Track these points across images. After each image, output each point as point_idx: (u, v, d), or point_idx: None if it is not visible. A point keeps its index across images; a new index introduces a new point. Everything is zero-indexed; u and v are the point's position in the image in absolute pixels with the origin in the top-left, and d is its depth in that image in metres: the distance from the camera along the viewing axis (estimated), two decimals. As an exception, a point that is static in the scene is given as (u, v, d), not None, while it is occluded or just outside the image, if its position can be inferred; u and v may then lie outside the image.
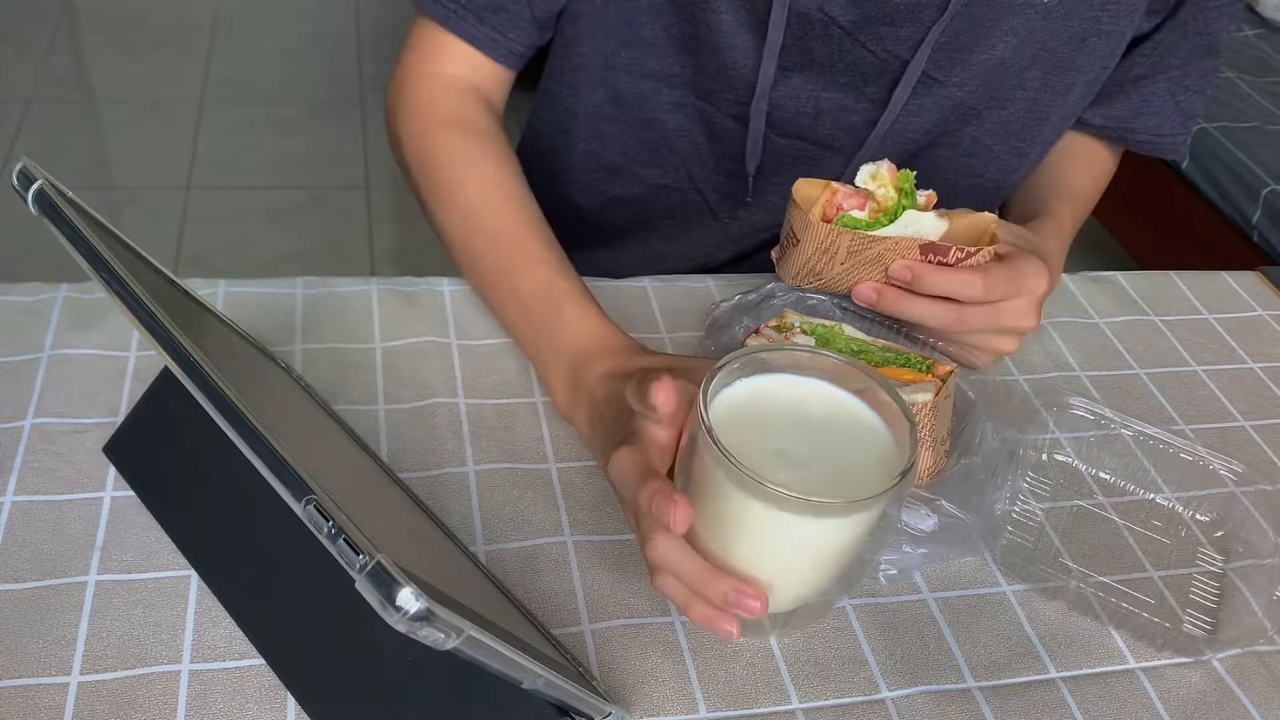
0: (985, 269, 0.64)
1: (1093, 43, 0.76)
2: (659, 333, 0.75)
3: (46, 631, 0.52)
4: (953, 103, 0.77)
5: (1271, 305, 0.87)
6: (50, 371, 0.65)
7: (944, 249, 0.63)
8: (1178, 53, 0.81)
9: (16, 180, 0.45)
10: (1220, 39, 0.81)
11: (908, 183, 0.64)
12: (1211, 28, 0.80)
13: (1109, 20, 0.75)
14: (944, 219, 0.64)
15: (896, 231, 0.63)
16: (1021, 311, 0.66)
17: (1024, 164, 0.84)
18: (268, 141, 2.59)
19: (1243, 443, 0.73)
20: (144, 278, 0.46)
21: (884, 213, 0.64)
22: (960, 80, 0.75)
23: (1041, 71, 0.77)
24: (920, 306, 0.65)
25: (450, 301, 0.75)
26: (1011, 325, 0.67)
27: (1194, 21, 0.80)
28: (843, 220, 0.63)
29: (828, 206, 0.64)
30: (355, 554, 0.35)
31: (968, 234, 0.65)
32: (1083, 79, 0.79)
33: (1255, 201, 1.92)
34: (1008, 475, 0.63)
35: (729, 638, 0.51)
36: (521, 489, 0.62)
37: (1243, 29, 2.43)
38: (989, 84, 0.76)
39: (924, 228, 0.64)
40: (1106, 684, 0.56)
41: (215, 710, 0.50)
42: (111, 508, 0.58)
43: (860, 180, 0.64)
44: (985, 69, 0.75)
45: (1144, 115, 0.83)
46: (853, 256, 0.64)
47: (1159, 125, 0.83)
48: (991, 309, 0.65)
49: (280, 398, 0.57)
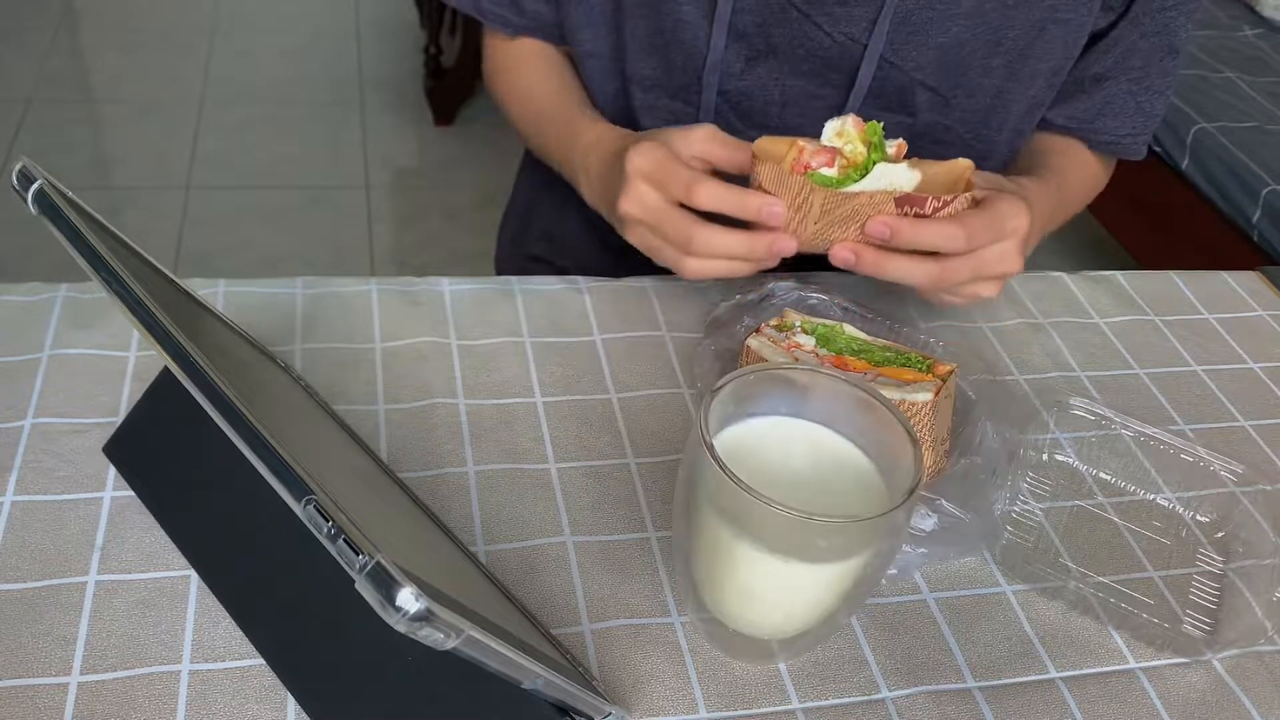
0: (963, 217, 0.63)
1: (1051, 30, 0.77)
2: (659, 331, 0.75)
3: (46, 631, 0.52)
4: (916, 88, 0.78)
5: (1271, 305, 0.87)
6: (50, 371, 0.65)
7: (920, 200, 0.61)
8: (1138, 53, 0.82)
9: (16, 180, 0.45)
10: (1178, 38, 0.82)
11: (876, 135, 0.62)
12: (1169, 27, 0.81)
13: (1065, 8, 0.76)
14: (916, 169, 0.63)
15: (870, 186, 0.61)
16: (1004, 256, 0.65)
17: (994, 152, 0.84)
18: (267, 141, 2.59)
19: (1243, 443, 0.73)
20: (144, 278, 0.46)
21: (854, 168, 0.62)
22: (918, 64, 0.76)
23: (1005, 60, 0.77)
24: (900, 265, 0.64)
25: (450, 301, 0.75)
26: (995, 271, 0.66)
27: (1149, 21, 0.80)
28: (813, 178, 0.62)
29: (794, 165, 0.62)
30: (355, 554, 0.35)
31: (943, 182, 0.63)
32: (1045, 67, 0.79)
33: (1255, 201, 1.92)
34: (1008, 475, 0.63)
35: None
36: (521, 489, 0.62)
37: (1242, 29, 2.43)
38: (950, 70, 0.77)
39: (898, 179, 0.62)
40: (1106, 684, 0.56)
41: (215, 710, 0.50)
42: (111, 508, 0.58)
43: (826, 138, 0.63)
44: (942, 52, 0.76)
45: (1106, 115, 0.84)
46: (826, 215, 0.62)
47: (1120, 126, 0.84)
48: (973, 258, 0.65)
49: (280, 398, 0.57)
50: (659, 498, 0.63)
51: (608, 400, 0.69)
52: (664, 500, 0.63)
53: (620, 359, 0.72)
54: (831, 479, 0.52)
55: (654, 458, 0.65)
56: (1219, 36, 2.38)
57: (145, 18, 3.01)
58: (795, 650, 0.55)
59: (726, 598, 0.52)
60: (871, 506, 0.49)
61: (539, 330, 0.74)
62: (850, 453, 0.53)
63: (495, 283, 0.77)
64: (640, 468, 0.64)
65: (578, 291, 0.77)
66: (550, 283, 0.78)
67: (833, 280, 0.77)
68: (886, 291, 0.77)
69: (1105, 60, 0.82)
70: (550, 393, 0.69)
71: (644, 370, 0.71)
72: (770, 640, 0.54)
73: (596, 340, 0.73)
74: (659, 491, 0.63)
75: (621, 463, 0.65)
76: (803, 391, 0.53)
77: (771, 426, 0.53)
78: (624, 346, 0.73)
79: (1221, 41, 2.36)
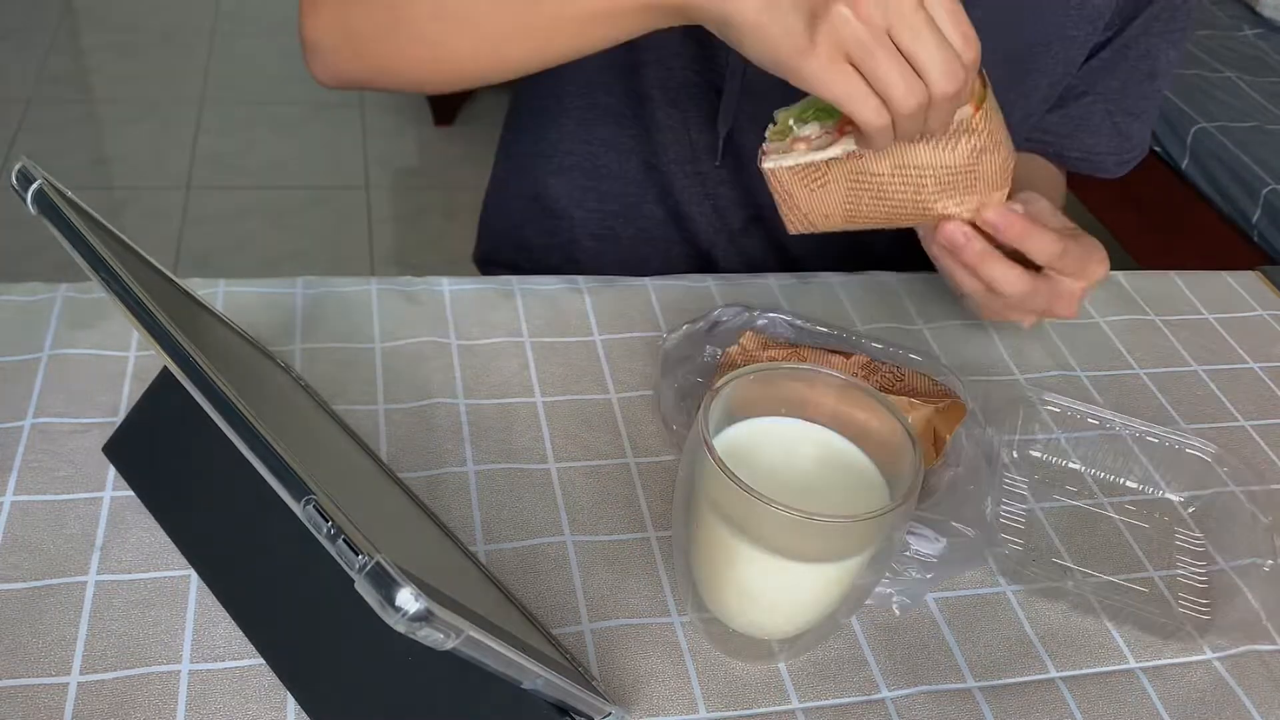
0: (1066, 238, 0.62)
1: (1056, 47, 0.77)
2: (659, 331, 0.75)
3: (46, 631, 0.52)
4: None
5: (1271, 305, 0.87)
6: (50, 371, 0.65)
7: None
8: (1116, 73, 0.82)
9: (16, 180, 0.45)
10: (1160, 63, 0.82)
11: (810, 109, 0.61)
12: (1152, 52, 0.81)
13: (1073, 25, 0.76)
14: None
15: None
16: (1070, 296, 0.65)
17: None
18: (267, 141, 2.59)
19: (1243, 443, 0.73)
20: (144, 278, 0.46)
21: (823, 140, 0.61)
22: None
23: (1008, 71, 0.77)
24: (1000, 270, 0.63)
25: (450, 301, 0.75)
26: (1056, 308, 0.65)
27: (1136, 45, 0.81)
28: None
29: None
30: (355, 554, 0.35)
31: None
32: (1045, 81, 0.80)
33: (1255, 201, 1.92)
34: (990, 479, 0.62)
35: None
36: (521, 489, 0.62)
37: (1242, 29, 2.43)
38: None
39: None
40: (1106, 684, 0.56)
41: (215, 710, 0.50)
42: (111, 508, 0.58)
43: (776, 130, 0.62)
44: None
45: (1081, 132, 0.84)
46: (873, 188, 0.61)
47: (1095, 144, 0.84)
48: (1051, 284, 0.64)
49: (280, 398, 0.57)
50: (659, 498, 0.63)
51: (608, 400, 0.69)
52: (664, 500, 0.63)
53: (620, 359, 0.72)
54: (831, 479, 0.52)
55: (654, 458, 0.65)
56: (1219, 36, 2.38)
57: (145, 18, 3.01)
58: (795, 650, 0.55)
59: (726, 598, 0.52)
60: (871, 506, 0.49)
61: (539, 330, 0.74)
62: (850, 453, 0.53)
63: (495, 283, 0.77)
64: (640, 468, 0.64)
65: (578, 291, 0.77)
66: (550, 282, 0.78)
67: (778, 298, 0.77)
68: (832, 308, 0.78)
69: (1086, 77, 0.82)
70: (550, 393, 0.69)
71: (644, 370, 0.71)
72: (770, 640, 0.54)
73: (596, 340, 0.73)
74: (659, 491, 0.63)
75: (621, 463, 0.65)
76: (803, 391, 0.53)
77: (771, 426, 0.53)
78: (624, 346, 0.73)
79: (1221, 41, 2.36)
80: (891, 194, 0.62)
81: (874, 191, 0.62)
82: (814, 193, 0.62)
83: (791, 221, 0.65)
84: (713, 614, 0.54)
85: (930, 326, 0.78)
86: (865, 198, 0.62)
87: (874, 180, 0.61)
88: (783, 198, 0.64)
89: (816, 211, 0.64)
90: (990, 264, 0.63)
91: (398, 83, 0.72)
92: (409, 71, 0.69)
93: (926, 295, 0.81)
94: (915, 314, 0.79)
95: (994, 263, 0.63)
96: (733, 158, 0.85)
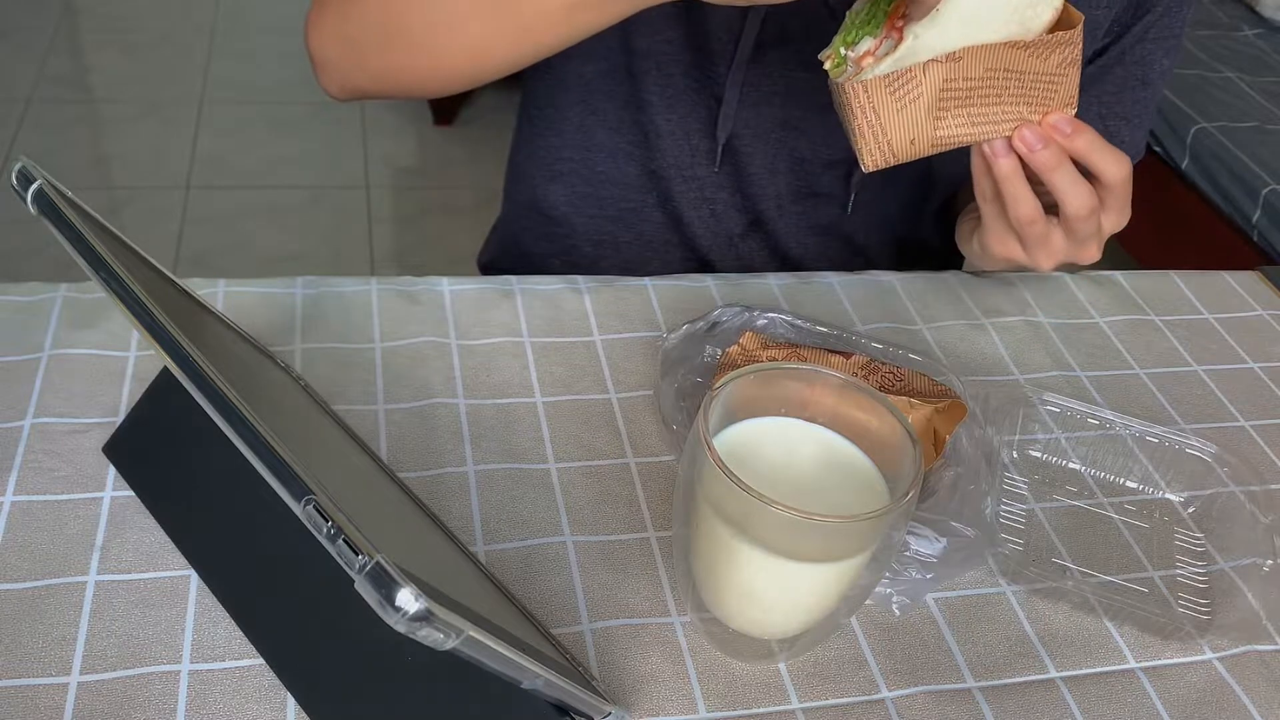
0: None
1: None
2: (659, 331, 0.75)
3: (46, 631, 0.52)
4: None
5: (1271, 305, 0.87)
6: (50, 371, 0.65)
7: None
8: (1111, 78, 0.82)
9: (16, 180, 0.45)
10: (1153, 71, 0.82)
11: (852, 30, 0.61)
12: (1146, 59, 0.81)
13: None
14: None
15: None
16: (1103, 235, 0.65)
17: None
18: (267, 141, 2.59)
19: (1243, 443, 0.73)
20: (144, 278, 0.46)
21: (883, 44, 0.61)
22: None
23: None
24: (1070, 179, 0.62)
25: (450, 301, 0.75)
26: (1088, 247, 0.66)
27: (1132, 51, 0.81)
28: None
29: None
30: (355, 554, 0.35)
31: None
32: None
33: (1255, 201, 1.92)
34: (990, 479, 0.62)
35: None
36: (521, 489, 0.62)
37: (1242, 29, 2.43)
38: None
39: None
40: (1106, 684, 0.56)
41: (215, 710, 0.50)
42: (111, 508, 0.58)
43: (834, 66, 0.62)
44: None
45: None
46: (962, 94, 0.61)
47: None
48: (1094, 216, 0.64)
49: (280, 398, 0.57)
50: (659, 498, 0.63)
51: (608, 400, 0.69)
52: (664, 500, 0.63)
53: (620, 359, 0.72)
54: (831, 479, 0.52)
55: (654, 458, 0.65)
56: (1219, 36, 2.38)
57: (145, 18, 3.02)
58: (795, 650, 0.55)
59: (726, 598, 0.52)
60: (871, 506, 0.49)
61: (539, 330, 0.74)
62: (850, 453, 0.53)
63: (495, 282, 0.77)
64: (640, 468, 0.64)
65: (578, 291, 0.77)
66: (550, 282, 0.78)
67: (778, 298, 0.77)
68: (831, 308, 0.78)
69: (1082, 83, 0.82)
70: (550, 393, 0.69)
71: (644, 370, 0.71)
72: (770, 640, 0.54)
73: (596, 340, 0.73)
74: (659, 491, 0.63)
75: (621, 463, 0.65)
76: (802, 391, 0.53)
77: (771, 426, 0.53)
78: (624, 346, 0.73)
79: (1221, 41, 2.36)
80: (977, 101, 0.61)
81: (960, 98, 0.61)
82: (903, 109, 0.61)
83: (871, 151, 0.63)
84: (712, 614, 0.54)
85: (930, 326, 0.78)
86: (951, 106, 0.61)
87: (965, 86, 0.61)
88: (867, 122, 0.62)
89: (901, 134, 0.62)
90: (1064, 171, 0.62)
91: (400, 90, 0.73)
92: (409, 78, 0.71)
93: (926, 295, 0.81)
94: (915, 314, 0.79)
95: (1067, 170, 0.62)
96: (731, 164, 0.85)
